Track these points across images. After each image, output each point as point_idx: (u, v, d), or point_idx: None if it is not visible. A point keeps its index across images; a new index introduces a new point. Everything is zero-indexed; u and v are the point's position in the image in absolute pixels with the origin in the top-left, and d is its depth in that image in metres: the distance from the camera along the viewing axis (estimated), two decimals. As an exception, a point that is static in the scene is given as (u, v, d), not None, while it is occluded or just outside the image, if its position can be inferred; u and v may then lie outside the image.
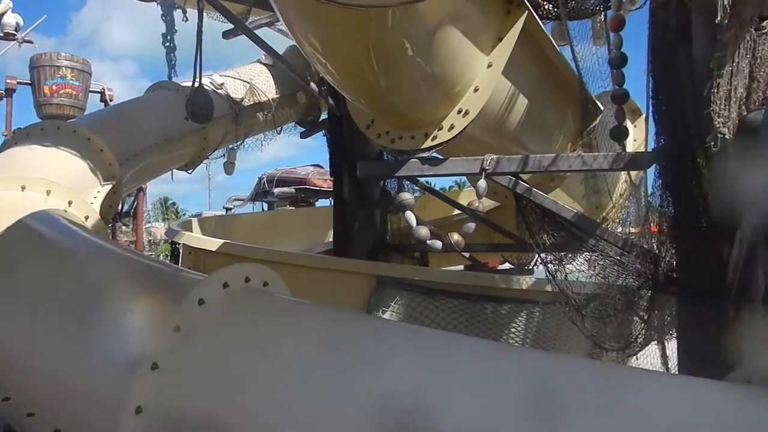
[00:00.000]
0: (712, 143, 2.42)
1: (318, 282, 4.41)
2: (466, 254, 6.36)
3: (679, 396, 1.66)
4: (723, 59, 2.32)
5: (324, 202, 13.43)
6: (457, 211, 6.52)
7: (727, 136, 2.36)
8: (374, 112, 3.40)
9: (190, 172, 6.83)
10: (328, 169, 5.99)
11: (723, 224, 2.42)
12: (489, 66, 3.02)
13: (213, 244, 5.07)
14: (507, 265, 6.51)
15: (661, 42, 2.70)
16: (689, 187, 2.55)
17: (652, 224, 2.96)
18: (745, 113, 2.29)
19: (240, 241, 6.30)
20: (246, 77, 7.05)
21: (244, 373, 1.59)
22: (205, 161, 7.04)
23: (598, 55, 3.78)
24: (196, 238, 5.70)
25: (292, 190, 13.89)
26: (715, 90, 2.35)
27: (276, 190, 13.93)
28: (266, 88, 7.16)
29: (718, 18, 2.28)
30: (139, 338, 1.74)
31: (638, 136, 4.82)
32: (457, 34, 2.79)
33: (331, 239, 5.83)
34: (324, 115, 7.50)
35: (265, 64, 7.32)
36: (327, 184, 12.42)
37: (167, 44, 5.67)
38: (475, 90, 3.02)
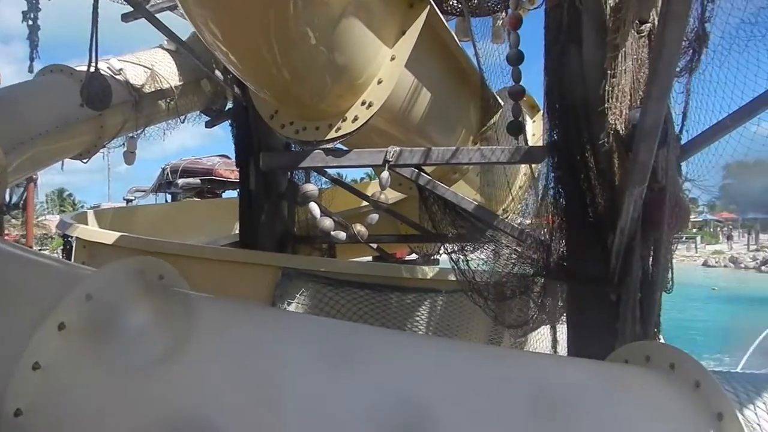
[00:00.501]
0: (605, 139, 2.58)
1: (222, 275, 4.31)
2: (374, 245, 6.45)
3: (557, 374, 1.76)
4: (614, 59, 2.46)
5: (232, 194, 13.11)
6: (366, 203, 6.57)
7: (621, 133, 2.51)
8: (278, 103, 3.36)
9: (85, 161, 6.46)
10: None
11: (607, 215, 2.59)
12: (392, 59, 3.05)
13: (108, 237, 4.82)
14: (415, 256, 6.66)
15: (555, 41, 2.84)
16: (578, 180, 2.71)
17: (546, 215, 3.11)
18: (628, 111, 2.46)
19: (141, 234, 6.02)
20: (147, 63, 6.72)
21: (130, 371, 1.52)
22: (102, 150, 6.68)
23: (499, 51, 3.90)
24: (90, 231, 5.39)
25: (197, 181, 13.44)
26: (609, 88, 2.49)
27: (180, 181, 13.42)
28: (169, 74, 6.86)
29: (606, 20, 2.44)
30: (20, 336, 1.63)
31: (537, 131, 5.05)
32: (360, 24, 2.79)
33: (237, 231, 5.71)
34: (230, 104, 7.32)
35: (167, 50, 7.01)
36: (234, 175, 12.11)
37: (29, 23, 5.16)
38: (379, 82, 3.05)
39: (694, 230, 59.01)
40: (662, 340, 4.12)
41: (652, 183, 2.36)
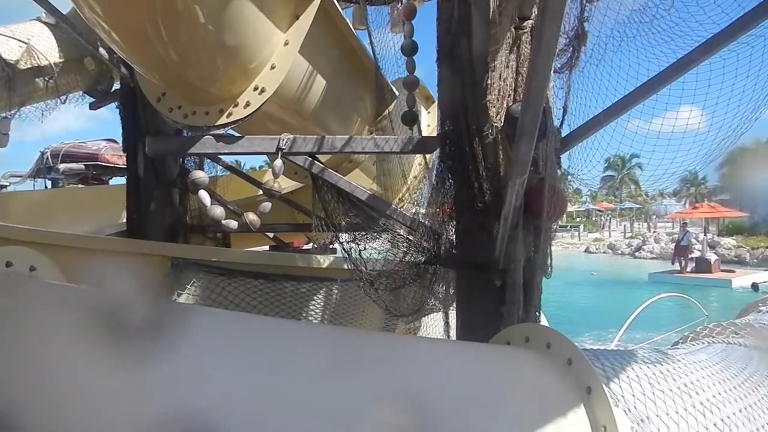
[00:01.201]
0: (489, 131, 2.68)
1: (107, 266, 4.08)
2: (270, 234, 6.35)
3: (446, 356, 1.83)
4: (495, 53, 2.56)
5: (120, 181, 12.37)
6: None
7: (499, 126, 2.62)
8: (165, 85, 3.21)
9: (-52, 143, 5.87)
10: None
11: (493, 204, 2.70)
12: (286, 44, 3.00)
13: (-24, 225, 4.39)
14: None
15: (446, 33, 2.90)
16: (467, 170, 2.80)
17: (439, 205, 3.20)
18: (511, 104, 2.57)
19: (17, 222, 5.55)
20: (22, 37, 6.15)
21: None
22: (-30, 132, 6.10)
23: (394, 41, 3.94)
24: (-50, 219, 4.90)
25: (81, 166, 12.55)
26: (490, 82, 2.59)
27: (62, 166, 12.46)
28: (47, 50, 6.31)
29: (490, 14, 2.52)
30: None
31: (432, 122, 5.16)
32: (251, 6, 2.72)
33: (124, 220, 5.41)
34: (117, 85, 6.90)
35: (46, 23, 6.47)
36: (122, 161, 11.45)
37: None
38: (272, 68, 2.99)
39: (578, 219, 63.11)
40: (544, 322, 4.37)
41: (533, 174, 2.49)
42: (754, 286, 24.27)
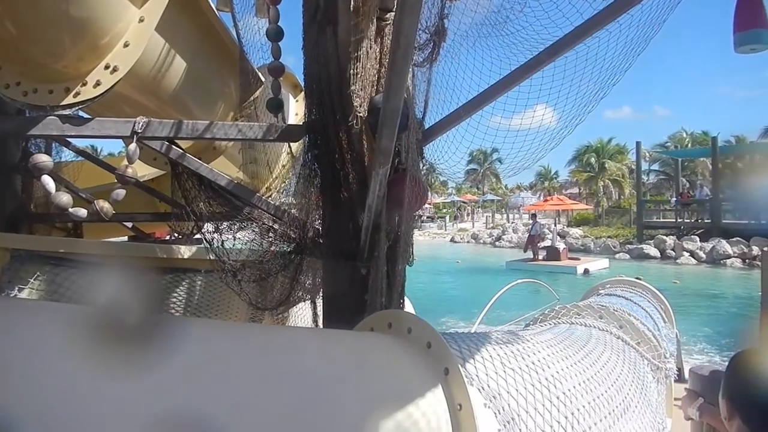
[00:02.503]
0: (353, 122, 2.70)
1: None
2: (129, 224, 5.97)
3: (309, 344, 1.83)
4: (359, 43, 2.58)
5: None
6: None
7: (362, 115, 2.64)
8: (0, 58, 2.88)
9: None
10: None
11: (358, 194, 2.72)
12: (141, 20, 2.81)
13: None
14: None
15: (312, 21, 2.87)
16: (332, 159, 2.80)
17: (305, 194, 3.17)
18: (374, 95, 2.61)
19: None
20: None
21: None
22: None
23: (260, 26, 3.83)
24: None
25: None
26: (353, 72, 2.60)
27: None
28: None
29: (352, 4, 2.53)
30: None
31: (299, 111, 5.09)
32: (100, -23, 2.52)
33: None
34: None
35: None
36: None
37: None
38: (125, 45, 2.79)
39: (444, 210, 65.88)
40: (409, 308, 4.51)
41: (396, 164, 2.55)
42: (585, 272, 27.05)
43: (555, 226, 38.49)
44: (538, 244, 31.08)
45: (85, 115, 3.13)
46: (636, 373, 3.06)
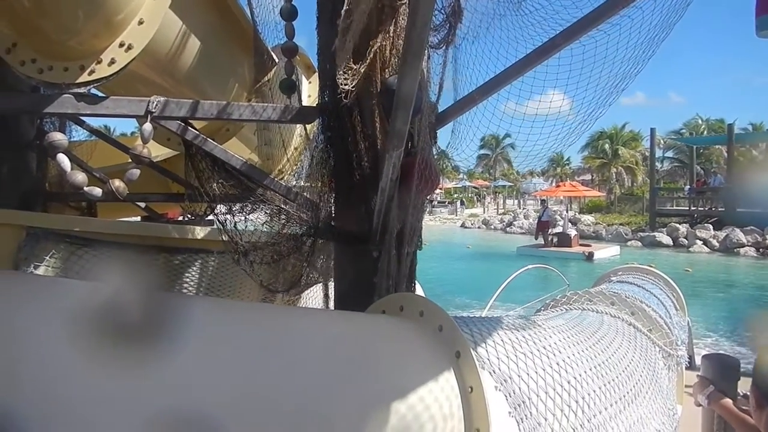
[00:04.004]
0: (367, 103, 2.67)
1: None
2: (142, 204, 6.00)
3: (322, 326, 1.84)
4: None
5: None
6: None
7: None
8: (16, 35, 2.88)
9: None
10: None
11: (370, 177, 2.71)
12: (155, -2, 2.80)
13: None
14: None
15: (326, 0, 2.84)
16: (346, 142, 2.79)
17: (318, 176, 3.16)
18: (388, 76, 2.58)
19: None
20: None
21: None
22: None
23: (275, 4, 3.80)
24: None
25: None
26: (368, 53, 2.57)
27: None
28: None
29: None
30: None
31: (312, 93, 5.07)
32: (115, -46, 2.51)
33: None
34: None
35: None
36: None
37: None
38: (140, 23, 2.78)
39: (455, 195, 65.69)
40: (420, 292, 4.52)
41: (409, 148, 2.54)
42: (589, 256, 27.06)
43: (566, 212, 38.29)
44: (550, 231, 30.96)
45: (100, 94, 3.14)
46: (647, 360, 3.06)
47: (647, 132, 43.75)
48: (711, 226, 31.48)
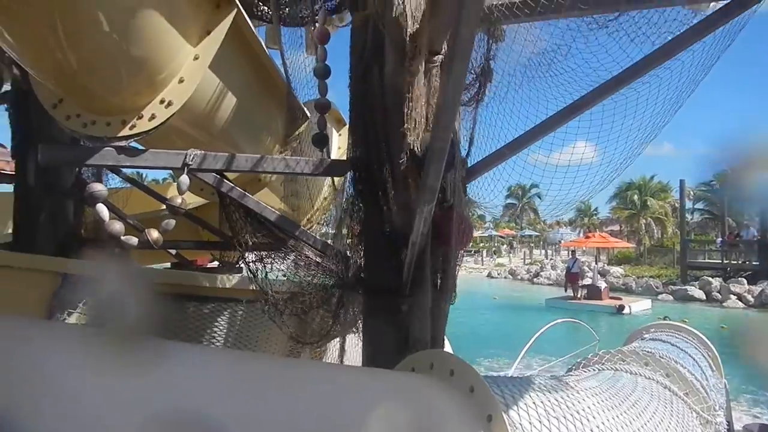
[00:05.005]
0: (403, 159, 2.71)
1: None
2: (173, 251, 6.08)
3: (351, 384, 1.82)
4: (411, 84, 2.61)
5: (7, 188, 11.39)
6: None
7: (419, 153, 2.64)
8: (63, 91, 3.02)
9: None
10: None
11: (401, 230, 2.73)
12: (196, 58, 2.91)
13: None
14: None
15: (359, 60, 2.94)
16: (376, 195, 2.82)
17: (348, 228, 3.19)
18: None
19: None
20: None
21: None
22: None
23: (306, 63, 3.93)
24: None
25: (-39, 171, 11.52)
26: (407, 110, 2.62)
27: (-64, 171, 11.38)
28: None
29: (405, 46, 2.57)
30: None
31: (342, 145, 5.17)
32: (159, 17, 2.63)
33: (10, 231, 5.00)
34: (7, 86, 6.41)
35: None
36: (10, 167, 10.60)
37: None
38: (180, 81, 2.89)
39: (481, 245, 65.26)
40: (448, 347, 4.45)
41: (441, 202, 2.55)
42: (620, 308, 26.48)
43: (596, 263, 37.67)
44: (578, 282, 30.43)
45: (138, 146, 3.24)
46: (684, 427, 2.94)
47: (676, 183, 43.27)
48: (745, 280, 30.61)
